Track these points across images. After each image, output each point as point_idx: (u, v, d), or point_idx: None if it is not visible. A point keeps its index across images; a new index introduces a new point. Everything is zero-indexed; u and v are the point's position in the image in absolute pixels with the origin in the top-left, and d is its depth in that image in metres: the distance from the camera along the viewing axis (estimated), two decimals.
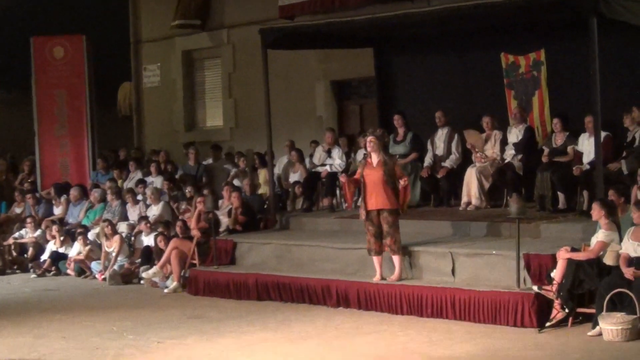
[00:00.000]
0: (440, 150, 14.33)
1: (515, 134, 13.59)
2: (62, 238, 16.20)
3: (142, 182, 17.12)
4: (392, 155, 12.31)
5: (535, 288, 10.32)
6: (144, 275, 14.37)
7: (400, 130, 14.68)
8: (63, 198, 17.82)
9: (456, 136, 14.20)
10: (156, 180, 17.20)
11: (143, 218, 15.54)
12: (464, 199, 13.63)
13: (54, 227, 16.41)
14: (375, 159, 11.74)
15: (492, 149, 13.73)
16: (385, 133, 11.86)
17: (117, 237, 15.18)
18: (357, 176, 11.93)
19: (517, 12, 12.48)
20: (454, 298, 10.85)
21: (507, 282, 10.77)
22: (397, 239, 11.59)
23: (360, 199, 11.98)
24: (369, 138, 11.81)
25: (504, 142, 13.65)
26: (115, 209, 16.51)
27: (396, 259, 11.63)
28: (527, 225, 11.67)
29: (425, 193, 14.45)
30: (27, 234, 16.99)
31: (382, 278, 11.70)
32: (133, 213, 16.36)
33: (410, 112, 14.93)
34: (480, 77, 14.89)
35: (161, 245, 14.36)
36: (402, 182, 11.60)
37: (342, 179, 12.32)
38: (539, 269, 10.61)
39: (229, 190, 14.96)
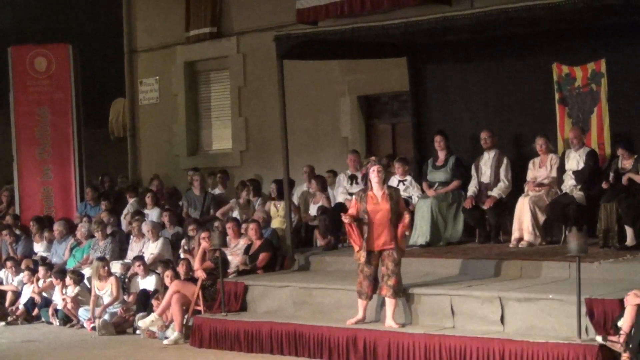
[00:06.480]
0: (486, 177, 14.33)
1: (575, 160, 13.53)
2: (47, 281, 16.26)
3: (138, 214, 17.18)
4: (395, 188, 12.77)
5: (599, 339, 10.27)
6: (140, 323, 14.35)
7: (441, 154, 14.76)
8: (45, 234, 17.90)
9: (505, 160, 14.22)
10: (152, 213, 17.28)
11: (137, 258, 15.52)
12: (515, 234, 13.64)
13: (40, 269, 16.47)
14: (379, 191, 12.01)
15: (547, 176, 13.75)
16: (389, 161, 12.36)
17: (112, 279, 15.22)
18: (355, 212, 12.07)
19: (574, 15, 12.49)
20: (503, 351, 10.81)
21: (567, 332, 10.74)
22: (400, 279, 11.94)
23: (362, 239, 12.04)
24: (376, 167, 12.06)
25: (561, 169, 13.66)
26: (106, 246, 16.53)
27: (393, 302, 11.93)
28: (590, 264, 11.64)
29: (469, 227, 14.48)
30: (8, 278, 17.06)
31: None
32: (135, 249, 16.34)
33: (450, 132, 15.01)
34: (529, 91, 14.88)
35: (167, 282, 14.37)
36: (406, 219, 12.03)
37: (346, 219, 12.14)
38: (603, 316, 10.55)
39: (233, 226, 14.94)
